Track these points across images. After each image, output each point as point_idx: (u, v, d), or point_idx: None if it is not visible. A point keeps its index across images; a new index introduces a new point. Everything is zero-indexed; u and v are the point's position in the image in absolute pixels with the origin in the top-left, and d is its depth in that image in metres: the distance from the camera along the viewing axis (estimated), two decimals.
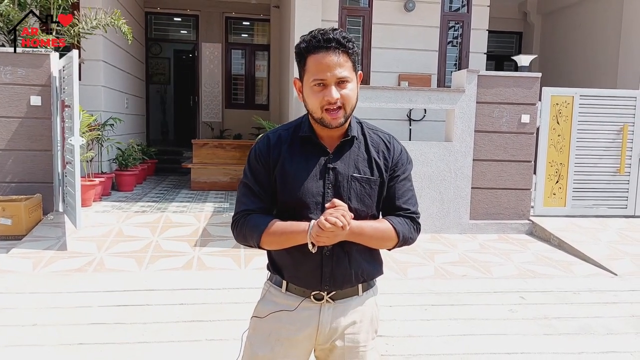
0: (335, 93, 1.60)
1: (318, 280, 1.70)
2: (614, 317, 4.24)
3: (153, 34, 13.27)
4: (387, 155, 1.74)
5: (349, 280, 1.72)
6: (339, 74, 1.60)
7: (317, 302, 1.72)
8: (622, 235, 6.33)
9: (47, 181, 6.19)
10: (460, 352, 3.56)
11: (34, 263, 4.88)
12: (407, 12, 8.88)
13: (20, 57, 6.02)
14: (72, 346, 3.42)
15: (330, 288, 1.71)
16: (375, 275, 1.80)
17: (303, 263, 1.68)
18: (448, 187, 6.51)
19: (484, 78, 6.55)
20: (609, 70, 9.76)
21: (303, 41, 1.64)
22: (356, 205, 1.68)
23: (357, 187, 1.69)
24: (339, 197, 1.66)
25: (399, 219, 1.73)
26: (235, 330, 3.70)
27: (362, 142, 1.74)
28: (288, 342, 1.73)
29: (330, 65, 1.59)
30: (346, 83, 1.62)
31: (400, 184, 1.76)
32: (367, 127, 1.78)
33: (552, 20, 11.72)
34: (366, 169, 1.71)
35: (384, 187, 1.73)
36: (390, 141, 1.78)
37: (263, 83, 13.43)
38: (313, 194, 1.66)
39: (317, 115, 1.64)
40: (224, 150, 9.15)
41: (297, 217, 1.65)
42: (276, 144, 1.72)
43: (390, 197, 1.75)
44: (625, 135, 6.89)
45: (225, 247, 5.51)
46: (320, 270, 1.69)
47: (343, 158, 1.70)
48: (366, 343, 1.78)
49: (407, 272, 5.08)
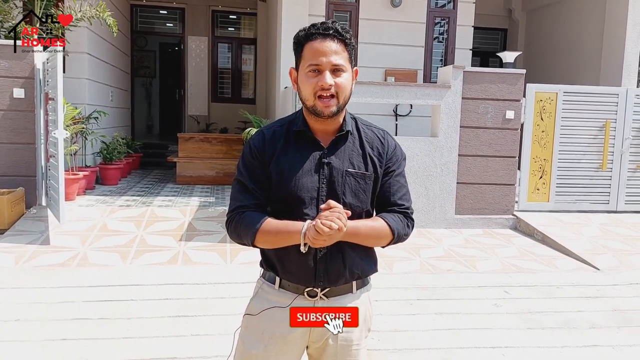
0: (329, 79, 1.59)
1: (312, 276, 1.68)
2: (596, 311, 4.30)
3: (139, 26, 13.14)
4: (381, 151, 1.74)
5: (343, 276, 1.71)
6: (334, 60, 1.60)
7: (310, 298, 1.70)
8: (604, 230, 6.41)
9: (29, 175, 6.12)
10: (445, 346, 3.58)
11: (17, 258, 4.82)
12: (394, 7, 8.89)
13: (3, 50, 5.93)
14: (55, 342, 3.38)
15: (324, 284, 1.69)
16: (369, 272, 1.79)
17: (297, 259, 1.66)
18: (434, 182, 6.55)
19: (470, 74, 6.58)
20: (592, 67, 9.85)
21: (302, 30, 1.65)
22: (350, 200, 1.67)
23: (352, 183, 1.68)
24: (334, 192, 1.65)
25: (392, 215, 1.72)
26: (221, 325, 3.70)
27: (357, 138, 1.73)
28: (282, 340, 1.71)
29: (327, 52, 1.59)
30: (341, 72, 1.61)
31: (395, 180, 1.76)
32: (361, 122, 1.77)
33: (536, 17, 11.80)
34: (361, 164, 1.70)
35: (378, 182, 1.73)
36: (385, 137, 1.77)
37: (250, 77, 13.38)
38: (308, 188, 1.65)
39: (310, 103, 1.63)
40: (210, 144, 9.10)
41: (293, 213, 1.64)
42: (271, 139, 1.70)
43: (384, 192, 1.74)
44: (607, 131, 6.98)
45: (211, 242, 5.48)
46: (314, 266, 1.67)
47: (337, 153, 1.69)
48: (359, 341, 1.77)
49: (393, 266, 5.11)
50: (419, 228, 6.31)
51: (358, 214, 1.68)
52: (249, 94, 13.41)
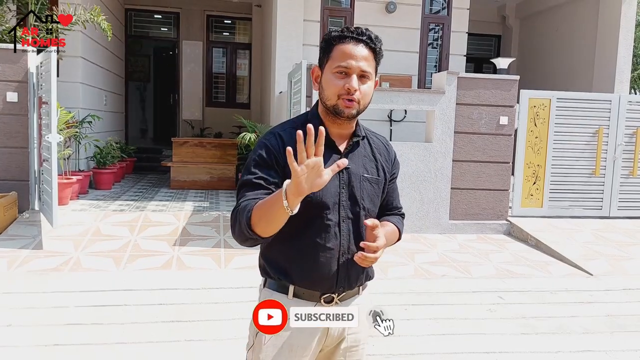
0: (356, 83, 1.59)
1: (334, 281, 1.66)
2: (589, 316, 4.32)
3: (133, 31, 13.12)
4: (387, 158, 1.79)
5: (360, 280, 1.74)
6: (363, 67, 1.60)
7: (327, 305, 1.68)
8: (597, 236, 6.44)
9: (22, 179, 6.08)
10: (439, 352, 3.58)
11: (9, 262, 4.79)
12: (389, 13, 8.93)
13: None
14: (48, 347, 3.36)
15: (345, 289, 1.69)
16: (373, 274, 1.83)
17: (320, 265, 1.63)
18: (428, 187, 6.56)
19: (464, 80, 6.60)
20: (585, 73, 9.92)
21: (335, 31, 1.65)
22: (369, 205, 1.70)
23: (369, 188, 1.70)
24: (353, 196, 1.66)
25: (395, 218, 1.84)
26: (215, 330, 3.69)
27: (367, 144, 1.76)
28: (302, 351, 1.68)
29: (358, 56, 1.60)
30: (366, 80, 1.63)
31: (394, 185, 1.86)
32: (365, 129, 1.79)
33: (530, 24, 11.88)
34: (373, 169, 1.73)
35: (385, 187, 1.79)
36: (388, 144, 1.84)
37: (244, 82, 13.38)
38: (331, 193, 1.63)
39: (331, 102, 1.61)
40: (204, 149, 9.08)
41: (315, 217, 1.61)
42: (290, 141, 1.56)
43: (387, 197, 1.82)
44: (600, 137, 7.02)
45: (205, 247, 5.47)
46: (337, 271, 1.65)
47: (353, 158, 1.69)
48: (365, 341, 1.80)
49: (388, 271, 5.10)
50: (413, 233, 6.32)
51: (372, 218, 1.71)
52: (243, 98, 13.41)
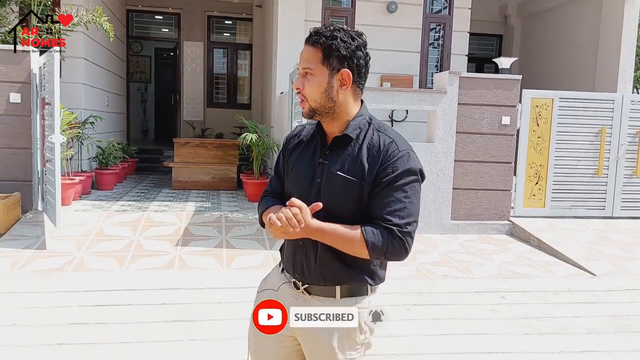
0: (299, 82, 1.67)
1: (292, 265, 1.77)
2: (592, 316, 4.31)
3: (134, 31, 13.15)
4: (376, 158, 1.62)
5: (317, 276, 1.70)
6: (305, 64, 1.66)
7: (295, 290, 1.77)
8: (600, 236, 6.43)
9: (26, 179, 6.10)
10: (441, 352, 3.58)
11: (13, 262, 4.80)
12: (390, 13, 8.93)
13: (0, 54, 5.92)
14: (51, 347, 3.37)
15: (300, 278, 1.74)
16: (350, 280, 1.70)
17: (289, 246, 1.79)
18: (430, 187, 6.55)
19: (466, 80, 6.60)
20: (587, 73, 9.91)
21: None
22: (330, 203, 1.62)
23: (334, 186, 1.64)
24: (317, 192, 1.67)
25: (374, 228, 1.59)
26: (217, 330, 3.69)
27: (359, 143, 1.66)
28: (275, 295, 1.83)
29: (302, 57, 1.68)
30: (308, 75, 1.66)
31: (386, 192, 1.60)
32: (375, 127, 1.69)
33: (532, 23, 11.87)
34: (351, 169, 1.63)
35: (364, 191, 1.62)
36: (388, 145, 1.64)
37: (245, 82, 13.38)
38: (303, 186, 1.72)
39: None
40: (205, 150, 9.09)
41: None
42: (296, 134, 1.85)
43: (373, 205, 1.62)
44: (603, 137, 7.01)
45: (207, 247, 5.48)
46: (293, 257, 1.76)
47: (334, 155, 1.69)
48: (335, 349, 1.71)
49: (389, 272, 5.10)
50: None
51: (337, 218, 1.61)
52: (244, 99, 13.42)
